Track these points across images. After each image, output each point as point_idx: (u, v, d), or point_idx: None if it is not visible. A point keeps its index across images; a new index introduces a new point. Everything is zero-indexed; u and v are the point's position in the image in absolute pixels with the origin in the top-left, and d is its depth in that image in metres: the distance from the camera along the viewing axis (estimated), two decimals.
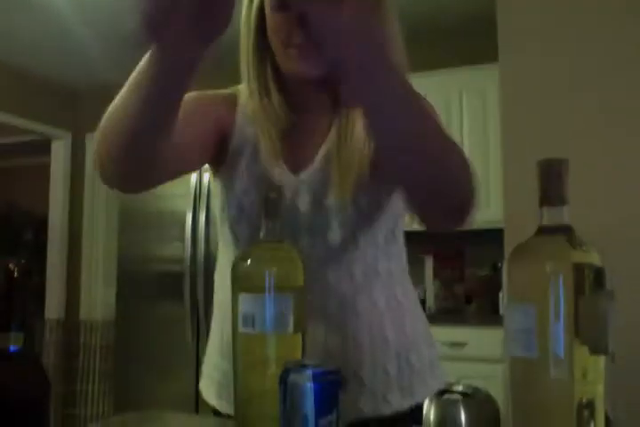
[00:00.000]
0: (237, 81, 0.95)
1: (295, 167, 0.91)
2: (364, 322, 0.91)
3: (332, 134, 0.91)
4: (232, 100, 0.95)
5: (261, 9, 0.86)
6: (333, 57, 0.56)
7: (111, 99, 0.68)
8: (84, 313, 4.20)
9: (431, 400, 0.59)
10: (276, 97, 0.89)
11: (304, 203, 0.90)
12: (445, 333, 2.66)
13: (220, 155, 0.93)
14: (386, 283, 0.95)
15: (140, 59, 0.62)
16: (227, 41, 0.62)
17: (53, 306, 4.18)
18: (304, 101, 0.92)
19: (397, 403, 0.92)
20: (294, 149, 0.92)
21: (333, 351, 0.89)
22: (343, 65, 0.56)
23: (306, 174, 0.91)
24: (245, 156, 0.92)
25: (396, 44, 0.85)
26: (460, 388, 0.60)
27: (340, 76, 0.57)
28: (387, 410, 0.91)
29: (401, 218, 0.96)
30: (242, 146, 0.92)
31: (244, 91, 0.93)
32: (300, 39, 0.80)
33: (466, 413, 0.57)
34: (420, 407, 0.60)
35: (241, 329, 0.71)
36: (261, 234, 0.75)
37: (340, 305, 0.91)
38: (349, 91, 0.58)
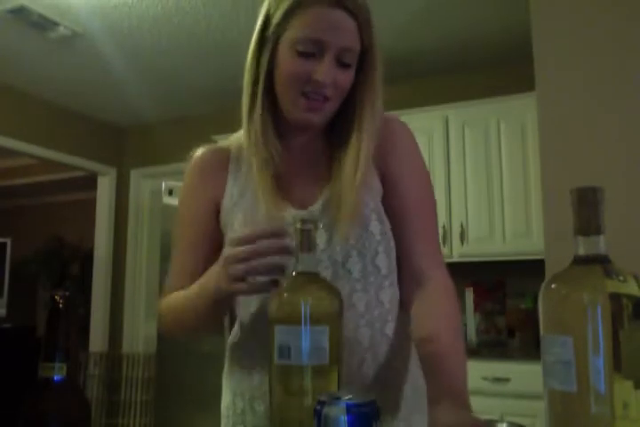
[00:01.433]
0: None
1: (303, 205, 0.95)
2: (393, 345, 0.94)
3: (334, 172, 0.95)
4: (223, 159, 1.00)
5: (270, 62, 0.90)
6: None
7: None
8: (126, 346, 4.25)
9: None
10: (273, 143, 0.93)
11: (321, 237, 0.92)
12: (488, 367, 2.58)
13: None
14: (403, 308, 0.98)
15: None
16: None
17: (97, 339, 4.24)
18: (303, 146, 0.98)
19: (419, 425, 0.93)
20: (299, 189, 0.96)
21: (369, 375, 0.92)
22: None
23: (316, 208, 0.93)
24: (244, 204, 0.96)
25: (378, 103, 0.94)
26: (504, 426, 0.59)
27: None
28: None
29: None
30: (237, 201, 0.97)
31: (238, 140, 0.99)
32: (310, 88, 0.87)
33: None
34: None
35: (277, 361, 0.71)
36: (297, 266, 0.75)
37: (371, 330, 0.93)
38: None
